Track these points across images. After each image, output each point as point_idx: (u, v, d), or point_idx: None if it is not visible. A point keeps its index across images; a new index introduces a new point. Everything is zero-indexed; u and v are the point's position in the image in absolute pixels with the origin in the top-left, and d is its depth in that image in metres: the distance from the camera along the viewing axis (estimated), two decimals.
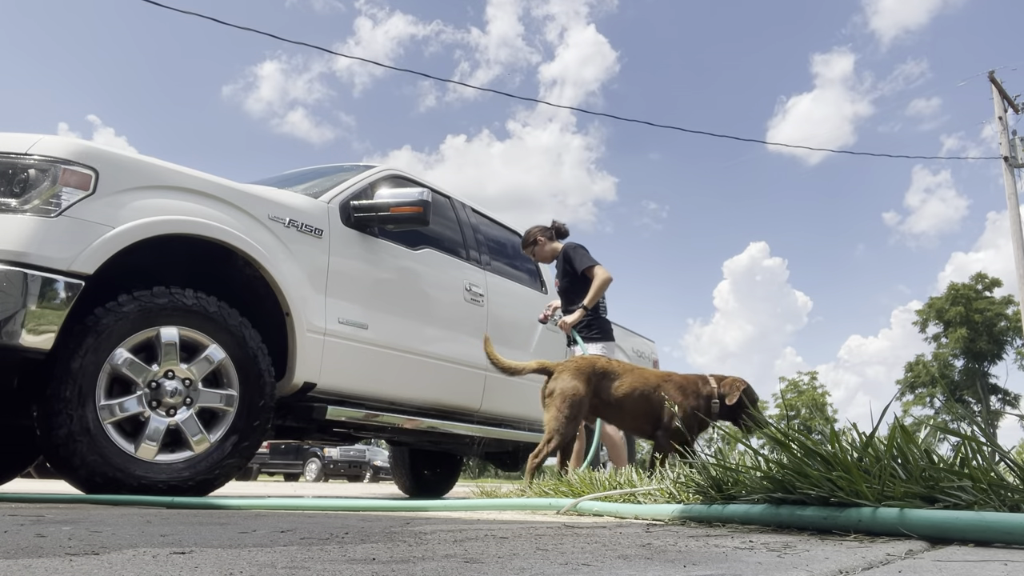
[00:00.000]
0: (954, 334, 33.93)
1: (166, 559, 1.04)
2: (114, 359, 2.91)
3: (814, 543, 1.43)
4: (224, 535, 1.44)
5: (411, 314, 4.25)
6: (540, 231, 5.05)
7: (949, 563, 1.16)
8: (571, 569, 1.01)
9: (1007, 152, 18.20)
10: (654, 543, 1.41)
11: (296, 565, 1.00)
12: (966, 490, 1.54)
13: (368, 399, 4.01)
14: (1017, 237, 17.24)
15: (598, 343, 4.75)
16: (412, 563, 1.04)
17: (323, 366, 3.64)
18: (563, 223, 5.11)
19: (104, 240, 2.82)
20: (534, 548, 1.29)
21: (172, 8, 7.74)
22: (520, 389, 5.09)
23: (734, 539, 1.51)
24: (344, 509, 2.63)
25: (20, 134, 2.87)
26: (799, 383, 41.88)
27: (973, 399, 32.95)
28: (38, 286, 2.65)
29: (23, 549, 1.13)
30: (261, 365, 3.27)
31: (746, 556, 1.20)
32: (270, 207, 3.51)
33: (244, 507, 2.61)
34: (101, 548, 1.15)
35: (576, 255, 4.83)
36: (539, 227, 5.08)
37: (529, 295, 5.53)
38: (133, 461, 2.91)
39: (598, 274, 4.74)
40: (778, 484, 1.81)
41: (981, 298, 34.38)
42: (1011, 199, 17.82)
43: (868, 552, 1.27)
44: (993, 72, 18.56)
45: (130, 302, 2.95)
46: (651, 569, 1.02)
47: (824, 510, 1.65)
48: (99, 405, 2.86)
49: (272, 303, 3.47)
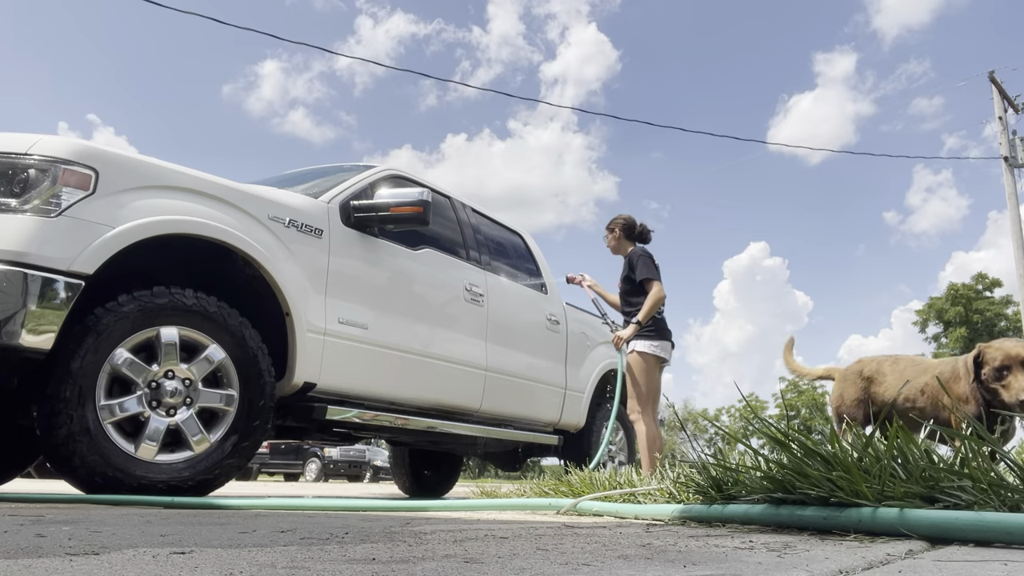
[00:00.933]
0: (954, 334, 33.94)
1: (166, 559, 1.04)
2: (114, 359, 2.91)
3: (814, 543, 1.43)
4: (224, 535, 1.44)
5: (411, 314, 4.25)
6: (625, 222, 5.07)
7: (949, 563, 1.16)
8: (571, 569, 1.01)
9: (1007, 152, 18.20)
10: (654, 543, 1.41)
11: (296, 565, 1.00)
12: (966, 490, 1.54)
13: (368, 399, 4.01)
14: (1017, 237, 17.24)
15: (652, 340, 4.75)
16: (412, 563, 1.04)
17: (323, 366, 3.64)
18: (649, 228, 5.12)
19: (104, 240, 2.82)
20: (534, 548, 1.29)
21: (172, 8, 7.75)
22: (520, 389, 5.09)
23: (734, 539, 1.51)
24: (344, 509, 2.63)
25: (20, 134, 2.87)
26: (799, 383, 41.88)
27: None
28: (38, 286, 2.65)
29: (23, 549, 1.13)
30: (261, 365, 3.27)
31: (746, 556, 1.20)
32: (270, 207, 3.51)
33: (244, 507, 2.61)
34: (101, 548, 1.15)
35: (640, 263, 4.85)
36: (628, 219, 5.10)
37: (529, 295, 5.52)
38: (133, 461, 2.91)
39: (654, 291, 4.78)
40: (778, 484, 1.81)
41: (981, 298, 34.40)
42: (1011, 199, 17.82)
43: (868, 552, 1.27)
44: (993, 72, 18.58)
45: (130, 302, 2.95)
46: (651, 569, 1.02)
47: (824, 510, 1.65)
48: (99, 405, 2.86)
49: (272, 303, 3.47)
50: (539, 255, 5.93)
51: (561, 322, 5.74)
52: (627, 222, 5.07)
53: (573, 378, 5.73)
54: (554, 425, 5.64)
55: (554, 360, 5.56)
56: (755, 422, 2.08)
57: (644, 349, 4.72)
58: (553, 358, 5.55)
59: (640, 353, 4.74)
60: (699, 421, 41.80)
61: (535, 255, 5.88)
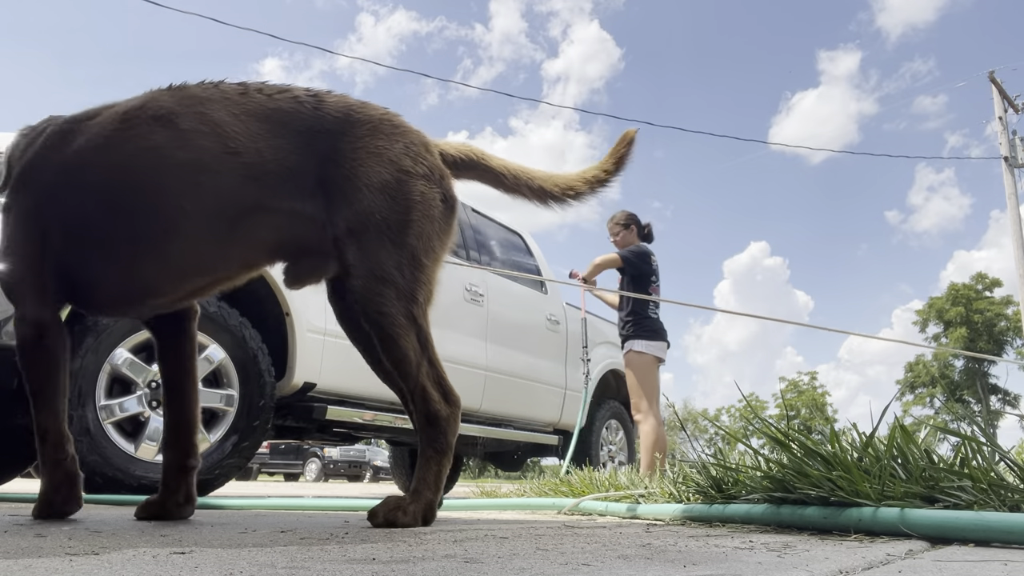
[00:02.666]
0: (954, 334, 33.93)
1: (166, 559, 1.04)
2: (114, 359, 2.91)
3: (814, 543, 1.43)
4: (224, 535, 1.44)
5: None
6: (627, 218, 5.06)
7: (949, 563, 1.16)
8: (571, 569, 1.01)
9: (1007, 152, 18.20)
10: (654, 543, 1.41)
11: (296, 565, 1.00)
12: (966, 490, 1.54)
13: (368, 399, 4.01)
14: (1017, 237, 17.24)
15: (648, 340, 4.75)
16: (412, 563, 1.04)
17: (323, 366, 3.65)
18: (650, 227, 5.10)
19: None
20: (534, 548, 1.29)
21: (172, 8, 7.75)
22: (520, 389, 5.09)
23: (734, 539, 1.51)
24: (344, 509, 2.63)
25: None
26: (799, 383, 41.89)
27: (973, 399, 32.96)
28: None
29: (23, 549, 1.13)
30: (261, 365, 3.28)
31: (746, 556, 1.20)
32: None
33: (244, 507, 2.61)
34: (101, 548, 1.15)
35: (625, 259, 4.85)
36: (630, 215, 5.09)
37: (529, 295, 5.52)
38: (133, 461, 2.91)
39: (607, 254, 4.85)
40: (778, 484, 1.81)
41: (981, 298, 34.39)
42: (1011, 199, 17.83)
43: (868, 552, 1.27)
44: (993, 72, 18.58)
45: None
46: (651, 569, 1.02)
47: (824, 510, 1.65)
48: (99, 405, 2.86)
49: (272, 303, 3.47)
50: (539, 255, 5.93)
51: (561, 322, 5.73)
52: (629, 218, 5.07)
53: (573, 378, 5.73)
54: (554, 425, 5.64)
55: (554, 360, 5.56)
56: (755, 422, 2.08)
57: (641, 349, 4.72)
58: (553, 358, 5.55)
59: (637, 353, 4.74)
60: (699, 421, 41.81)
61: (535, 255, 5.88)
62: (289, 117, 1.81)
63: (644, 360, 4.73)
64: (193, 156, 1.74)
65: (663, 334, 4.88)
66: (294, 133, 1.80)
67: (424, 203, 1.83)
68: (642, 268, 4.81)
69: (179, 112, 1.78)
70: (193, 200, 1.76)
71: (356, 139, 1.81)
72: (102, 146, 1.79)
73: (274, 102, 1.83)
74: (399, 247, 1.77)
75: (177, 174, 1.75)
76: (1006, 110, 18.65)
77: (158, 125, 1.77)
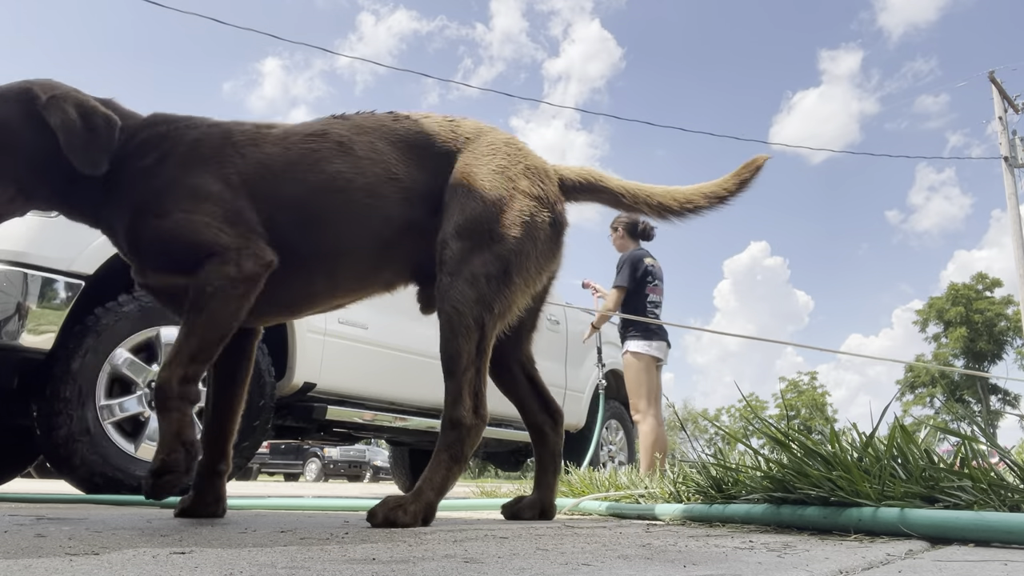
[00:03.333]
0: (954, 334, 33.93)
1: (166, 559, 1.04)
2: (114, 359, 2.91)
3: (814, 543, 1.43)
4: (224, 535, 1.44)
5: (411, 314, 4.24)
6: (627, 220, 5.05)
7: (949, 563, 1.16)
8: (571, 569, 1.01)
9: (1007, 152, 18.21)
10: (654, 543, 1.41)
11: (296, 565, 1.00)
12: (966, 490, 1.54)
13: (368, 399, 4.01)
14: (1017, 237, 17.24)
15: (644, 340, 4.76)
16: (412, 563, 1.04)
17: (323, 366, 3.65)
18: (652, 226, 5.08)
19: (104, 240, 2.81)
20: (534, 548, 1.29)
21: (172, 8, 7.76)
22: None
23: (734, 539, 1.51)
24: (344, 509, 2.63)
25: None
26: (799, 383, 41.91)
27: (973, 399, 32.95)
28: (38, 286, 2.66)
29: (23, 549, 1.13)
30: (261, 365, 3.27)
31: (746, 556, 1.20)
32: None
33: (244, 507, 2.61)
34: (101, 548, 1.15)
35: (620, 270, 4.86)
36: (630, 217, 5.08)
37: None
38: (133, 461, 2.91)
39: (609, 298, 4.88)
40: (778, 484, 1.81)
41: (981, 298, 34.39)
42: (1011, 199, 17.84)
43: (868, 552, 1.27)
44: (993, 72, 18.59)
45: (130, 302, 2.95)
46: (651, 569, 1.02)
47: (824, 510, 1.65)
48: (99, 405, 2.86)
49: None
50: None
51: (561, 322, 5.73)
52: (629, 220, 5.06)
53: (573, 378, 5.73)
54: None
55: (554, 360, 5.55)
56: (755, 422, 2.08)
57: (637, 349, 4.73)
58: (553, 358, 5.55)
59: (633, 354, 4.75)
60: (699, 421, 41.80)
61: None
62: (431, 141, 1.98)
63: (641, 361, 4.73)
64: (369, 181, 1.89)
65: (662, 334, 4.88)
66: (434, 156, 1.97)
67: (532, 223, 1.92)
68: (635, 276, 4.82)
69: (355, 140, 1.92)
70: (364, 222, 1.90)
71: (480, 156, 1.95)
72: (296, 161, 1.88)
73: (419, 127, 1.98)
74: (495, 257, 1.84)
75: (356, 197, 1.88)
76: (1006, 110, 18.65)
77: (341, 151, 1.90)
